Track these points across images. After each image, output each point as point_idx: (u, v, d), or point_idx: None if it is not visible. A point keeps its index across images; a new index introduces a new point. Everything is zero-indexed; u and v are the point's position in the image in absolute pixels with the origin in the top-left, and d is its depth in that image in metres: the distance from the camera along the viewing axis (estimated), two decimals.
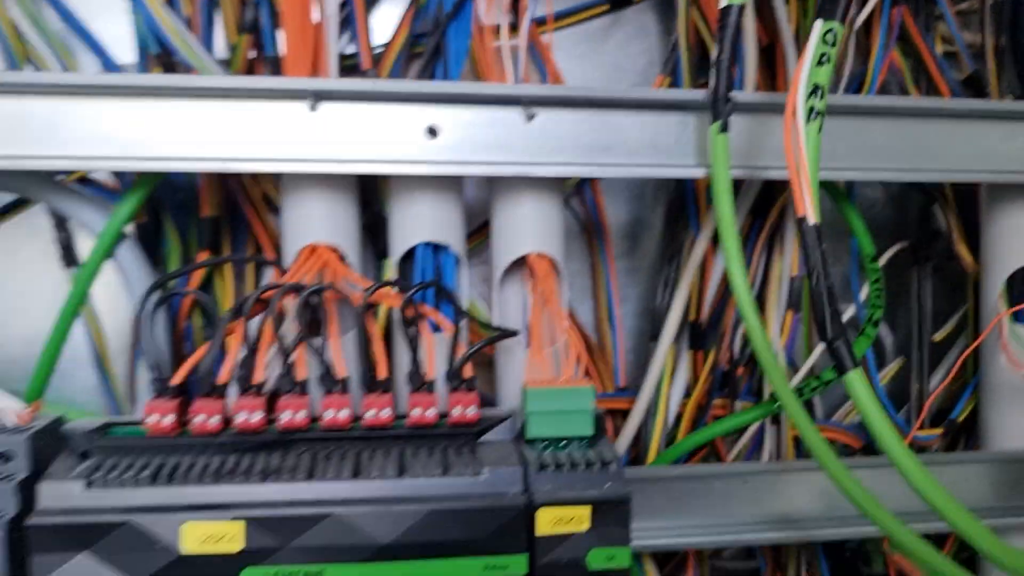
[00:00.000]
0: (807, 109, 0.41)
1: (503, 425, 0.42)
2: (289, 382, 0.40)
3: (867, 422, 0.37)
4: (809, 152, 0.40)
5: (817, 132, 0.41)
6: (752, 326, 0.41)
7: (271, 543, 0.36)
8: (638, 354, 0.61)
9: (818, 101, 0.41)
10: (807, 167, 0.39)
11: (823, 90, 0.41)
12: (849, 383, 0.37)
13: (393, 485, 0.37)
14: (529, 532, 0.38)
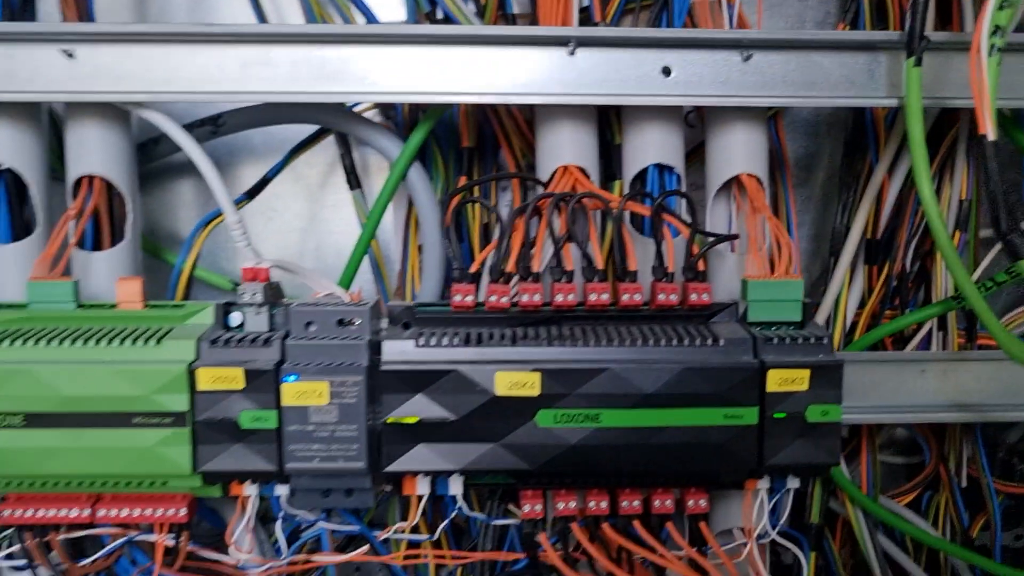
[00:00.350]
0: (989, 46, 0.48)
1: (727, 311, 0.51)
2: (559, 271, 0.50)
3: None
4: (990, 81, 0.47)
5: (996, 65, 0.48)
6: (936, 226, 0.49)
7: (561, 390, 0.46)
8: (811, 272, 0.69)
9: (999, 40, 0.49)
10: (988, 94, 0.47)
11: (1003, 31, 0.48)
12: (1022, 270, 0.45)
13: (654, 349, 0.47)
14: (760, 389, 0.47)
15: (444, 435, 0.46)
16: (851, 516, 0.60)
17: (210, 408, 0.45)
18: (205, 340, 0.46)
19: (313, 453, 0.45)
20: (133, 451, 0.45)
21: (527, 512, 0.50)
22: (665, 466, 0.47)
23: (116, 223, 0.56)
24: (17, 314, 0.49)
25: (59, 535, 0.51)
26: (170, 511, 0.50)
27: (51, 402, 0.45)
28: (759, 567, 0.53)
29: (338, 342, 0.46)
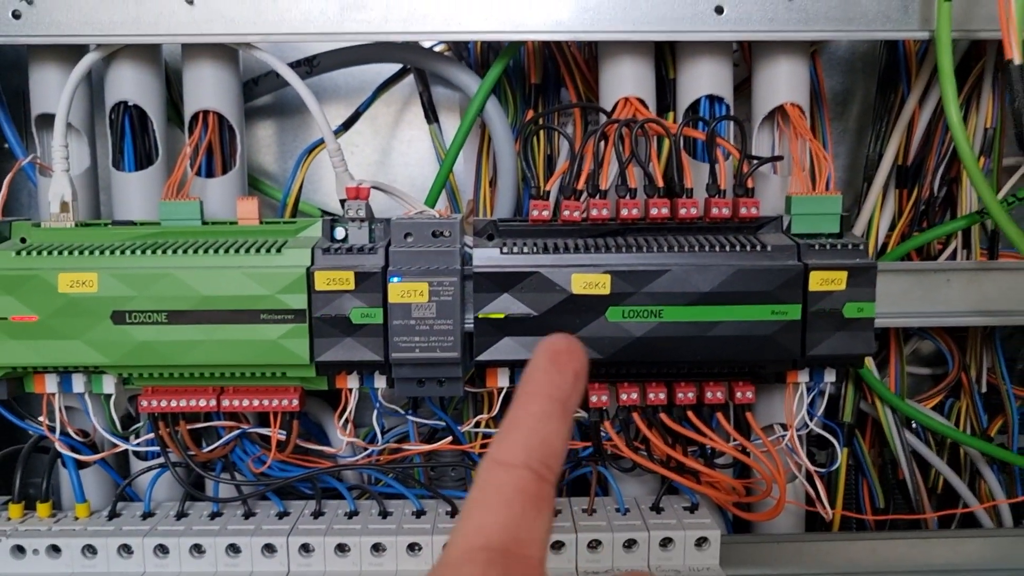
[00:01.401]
0: None
1: (772, 224, 0.57)
2: (624, 189, 0.56)
3: None
4: (1018, 11, 0.53)
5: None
6: (962, 147, 0.55)
7: (628, 289, 0.53)
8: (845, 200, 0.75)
9: None
10: (1015, 22, 0.52)
11: None
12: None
13: (709, 254, 0.54)
14: (803, 288, 0.53)
15: (526, 329, 0.53)
16: (880, 414, 0.67)
17: (325, 306, 0.53)
18: (319, 248, 0.54)
19: (414, 344, 0.53)
20: (260, 343, 0.53)
21: (594, 402, 0.57)
22: (719, 356, 0.54)
23: (225, 154, 0.63)
24: (153, 230, 0.56)
25: (186, 426, 0.59)
26: (284, 401, 0.57)
27: (190, 301, 0.52)
28: (800, 453, 0.60)
29: (434, 249, 0.53)
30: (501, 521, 0.26)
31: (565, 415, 0.28)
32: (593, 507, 0.60)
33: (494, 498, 0.26)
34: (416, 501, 0.60)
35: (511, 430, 0.28)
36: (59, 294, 0.52)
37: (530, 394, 0.28)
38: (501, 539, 0.25)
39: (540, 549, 0.26)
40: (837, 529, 0.68)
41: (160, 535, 0.57)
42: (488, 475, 0.27)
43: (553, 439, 0.27)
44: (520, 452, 0.27)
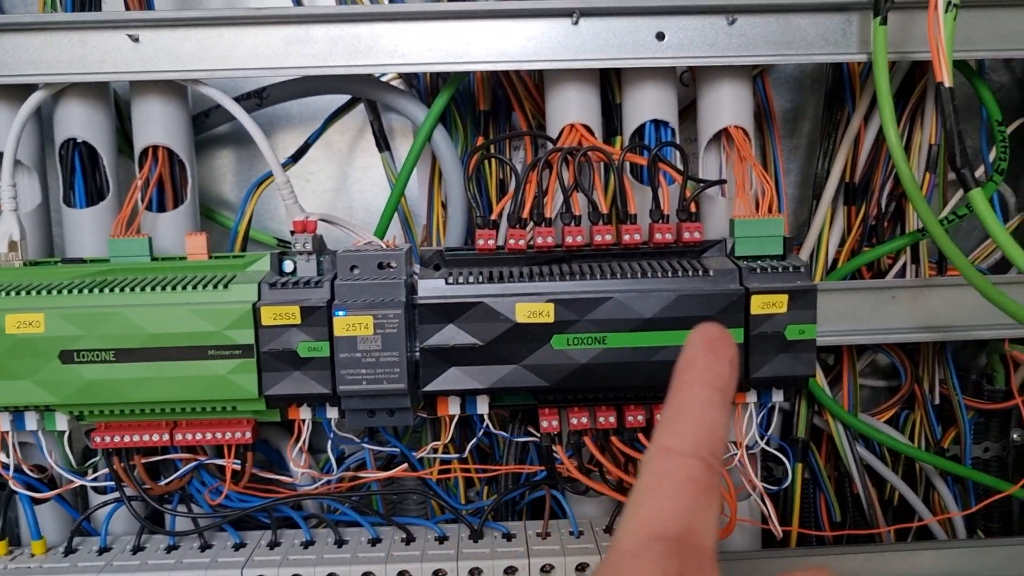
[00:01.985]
0: (945, 3, 0.55)
1: (716, 247, 0.58)
2: (568, 216, 0.57)
3: (989, 230, 0.51)
4: (946, 35, 0.54)
5: (953, 20, 0.54)
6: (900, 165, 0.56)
7: (572, 317, 0.54)
8: (797, 216, 0.76)
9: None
10: (944, 46, 0.53)
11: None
12: (973, 199, 0.51)
13: (652, 280, 0.54)
14: (745, 311, 0.54)
15: (472, 358, 0.54)
16: (833, 430, 0.68)
17: (272, 340, 0.53)
18: (265, 283, 0.54)
19: (361, 376, 0.53)
20: (209, 379, 0.53)
21: (545, 427, 0.58)
22: (663, 381, 0.53)
23: (176, 188, 0.63)
24: (101, 267, 0.57)
25: (141, 460, 0.59)
26: (237, 434, 0.57)
27: (138, 339, 0.53)
28: (749, 472, 0.60)
29: (379, 282, 0.54)
30: (674, 510, 0.26)
31: (725, 403, 0.28)
32: (547, 530, 0.61)
33: (666, 487, 0.26)
34: (372, 529, 0.60)
35: (677, 418, 0.28)
36: (6, 335, 0.53)
37: (691, 382, 0.28)
38: (676, 528, 0.25)
39: (712, 538, 0.26)
40: (795, 545, 0.69)
41: (115, 571, 0.57)
42: (657, 463, 0.27)
43: (718, 427, 0.27)
44: (689, 440, 0.27)
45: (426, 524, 0.62)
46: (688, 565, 0.25)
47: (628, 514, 0.26)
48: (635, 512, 0.26)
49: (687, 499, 0.26)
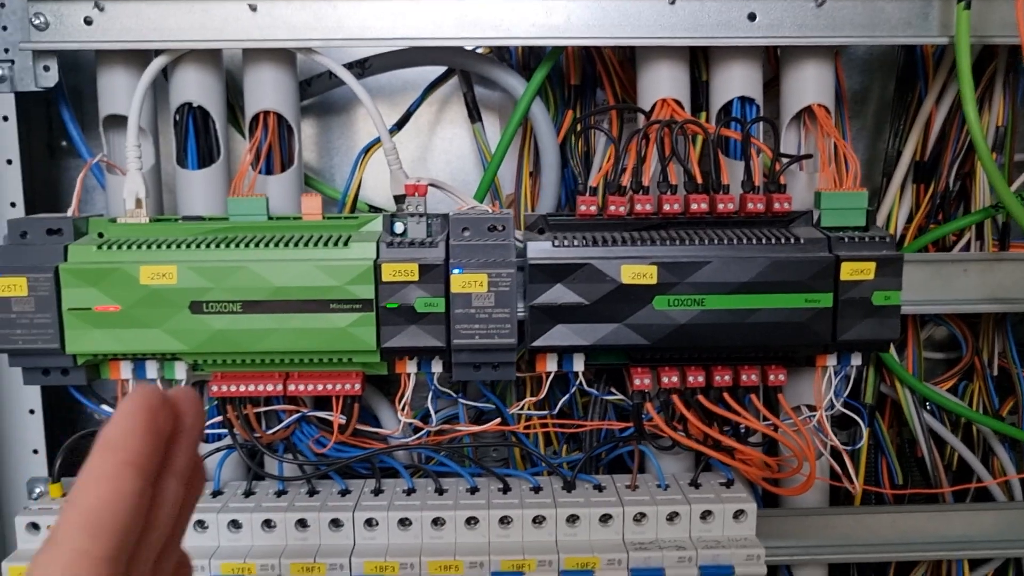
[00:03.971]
0: None
1: (802, 218, 0.61)
2: (665, 185, 0.60)
3: None
4: None
5: None
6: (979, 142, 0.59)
7: (673, 279, 0.57)
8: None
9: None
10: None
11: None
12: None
13: (747, 247, 0.57)
14: (835, 278, 0.57)
15: (578, 317, 0.57)
16: (900, 396, 0.71)
17: (391, 296, 0.56)
18: (382, 242, 0.57)
19: (474, 331, 0.56)
20: (329, 331, 0.56)
21: (637, 385, 0.61)
22: (756, 342, 0.58)
23: (283, 152, 0.66)
24: (222, 225, 0.60)
25: (252, 410, 0.63)
26: (346, 385, 0.61)
27: (263, 292, 0.56)
28: (828, 432, 0.64)
29: (491, 243, 0.57)
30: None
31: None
32: (636, 483, 0.64)
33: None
34: (470, 478, 0.64)
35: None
36: (140, 285, 0.56)
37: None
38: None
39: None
40: (858, 504, 0.73)
41: (232, 511, 0.60)
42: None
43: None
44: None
45: (521, 475, 0.65)
46: None
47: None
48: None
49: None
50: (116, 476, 0.27)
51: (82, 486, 0.27)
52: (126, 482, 0.27)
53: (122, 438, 0.27)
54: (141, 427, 0.27)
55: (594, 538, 0.60)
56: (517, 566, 0.58)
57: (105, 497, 0.26)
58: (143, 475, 0.27)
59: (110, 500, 0.26)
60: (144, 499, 0.28)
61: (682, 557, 0.59)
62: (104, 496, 0.26)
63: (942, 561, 0.75)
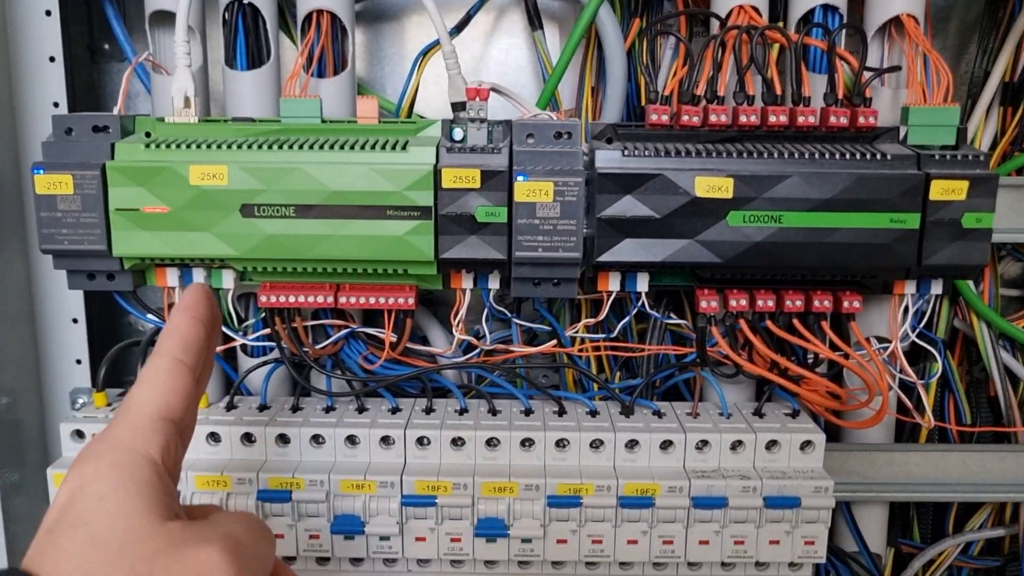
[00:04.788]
0: None
1: (888, 135, 0.57)
2: (742, 96, 0.56)
3: None
4: None
5: None
6: None
7: (750, 194, 0.53)
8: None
9: None
10: None
11: None
12: None
13: (830, 161, 0.54)
14: (924, 197, 0.54)
15: (648, 231, 0.54)
16: (976, 330, 0.68)
17: (451, 203, 0.53)
18: (442, 147, 0.54)
19: (538, 243, 0.54)
20: (386, 239, 0.54)
21: (704, 307, 0.58)
22: (836, 263, 0.55)
23: (336, 54, 0.63)
24: (274, 126, 0.57)
25: (301, 322, 0.60)
26: (400, 299, 0.58)
27: (318, 196, 0.53)
28: (903, 363, 0.61)
29: (557, 150, 0.54)
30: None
31: (186, 368, 0.35)
32: (697, 411, 0.62)
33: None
34: (525, 400, 0.62)
35: (142, 382, 0.34)
36: (190, 186, 0.53)
37: (159, 352, 0.35)
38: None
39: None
40: (923, 441, 0.70)
41: (280, 425, 0.59)
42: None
43: (177, 389, 0.34)
44: (153, 404, 0.34)
45: (578, 397, 0.63)
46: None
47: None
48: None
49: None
50: (193, 325, 0.36)
51: (170, 325, 0.35)
52: (200, 330, 0.36)
53: (194, 304, 0.36)
54: (205, 300, 0.37)
55: (654, 464, 0.58)
56: (574, 490, 0.56)
57: (190, 331, 0.35)
58: (207, 331, 0.36)
59: (193, 334, 0.35)
60: (208, 353, 0.36)
61: (746, 487, 0.56)
62: (189, 330, 0.35)
63: (1006, 505, 0.72)
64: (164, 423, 0.32)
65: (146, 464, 0.31)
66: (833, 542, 0.71)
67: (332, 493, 0.56)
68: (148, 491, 0.30)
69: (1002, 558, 0.73)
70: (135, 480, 0.30)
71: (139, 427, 0.32)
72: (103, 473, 0.30)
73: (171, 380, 0.34)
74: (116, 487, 0.30)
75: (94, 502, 0.29)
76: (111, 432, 0.32)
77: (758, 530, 0.57)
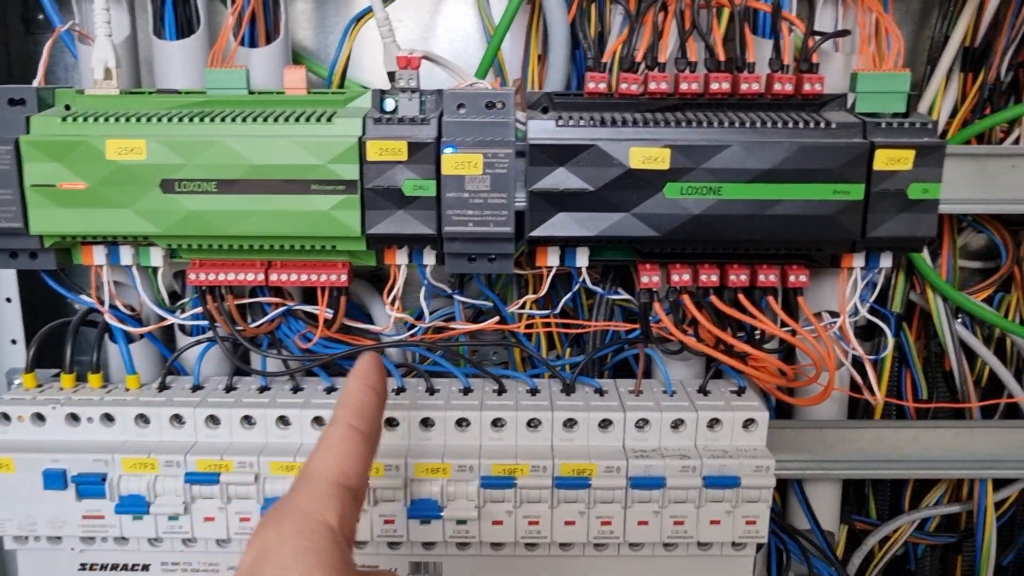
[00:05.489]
0: None
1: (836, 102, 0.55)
2: (683, 62, 0.54)
3: None
4: None
5: None
6: None
7: (687, 164, 0.51)
8: None
9: None
10: None
11: None
12: None
13: (771, 131, 0.52)
14: (868, 167, 0.52)
15: (582, 204, 0.52)
16: (931, 304, 0.66)
17: (377, 177, 0.51)
18: (370, 118, 0.52)
19: (468, 218, 0.52)
20: (311, 214, 0.52)
21: (645, 283, 0.57)
22: (778, 236, 0.53)
23: (268, 23, 0.61)
24: (199, 98, 0.55)
25: (234, 301, 0.59)
26: (332, 276, 0.57)
27: (239, 170, 0.51)
28: (851, 338, 0.59)
29: (488, 120, 0.52)
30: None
31: (362, 436, 0.37)
32: (640, 388, 0.60)
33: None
34: (464, 379, 0.60)
35: (321, 449, 0.37)
36: (107, 161, 0.51)
37: (338, 418, 0.37)
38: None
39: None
40: (879, 417, 0.68)
41: (211, 406, 0.57)
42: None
43: (354, 455, 0.36)
44: (331, 469, 0.36)
45: (519, 376, 0.61)
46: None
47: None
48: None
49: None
50: (366, 393, 0.38)
51: (345, 393, 0.38)
52: (373, 398, 0.38)
53: (367, 372, 0.39)
54: (377, 369, 0.39)
55: (592, 444, 0.57)
56: (509, 471, 0.55)
57: (364, 398, 0.37)
58: (379, 399, 0.38)
59: (367, 402, 0.37)
60: (379, 420, 0.38)
61: (685, 467, 0.55)
62: (363, 398, 0.37)
63: (962, 482, 0.71)
64: (340, 489, 0.34)
65: (325, 531, 0.32)
66: (785, 520, 0.70)
67: (262, 475, 0.55)
68: (327, 560, 0.31)
69: (958, 534, 0.72)
70: (314, 549, 0.32)
71: (318, 493, 0.34)
72: (285, 540, 0.32)
73: (346, 447, 0.35)
74: (296, 556, 0.31)
75: (276, 570, 0.31)
76: (292, 498, 0.34)
77: (698, 510, 0.55)
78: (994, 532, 0.69)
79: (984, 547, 0.69)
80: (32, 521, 0.57)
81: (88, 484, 0.56)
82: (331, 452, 0.35)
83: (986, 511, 0.68)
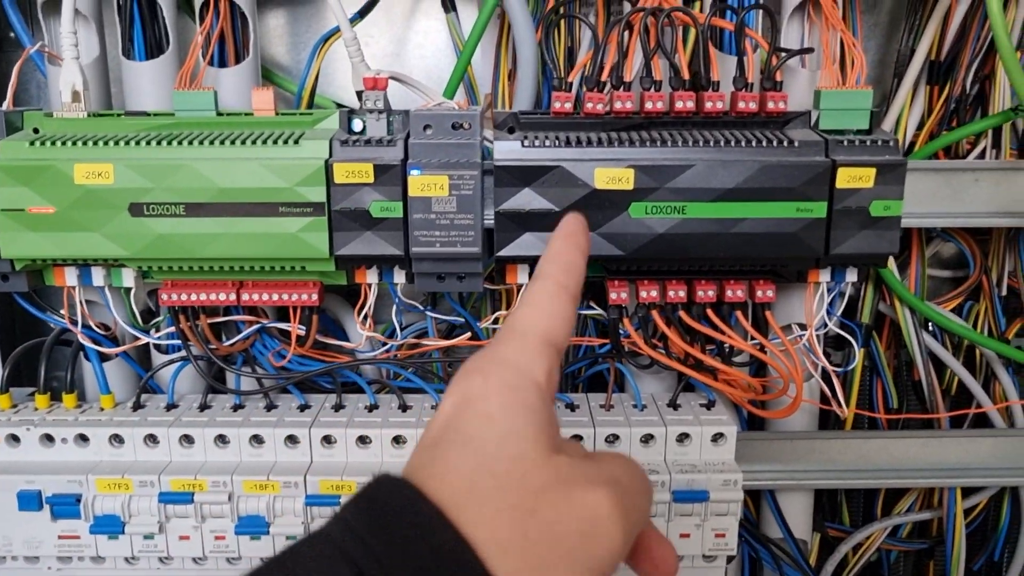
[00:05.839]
0: None
1: (800, 119, 0.56)
2: (648, 81, 0.55)
3: None
4: None
5: None
6: (999, 34, 0.53)
7: (652, 184, 0.52)
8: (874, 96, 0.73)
9: None
10: None
11: None
12: None
13: (735, 149, 0.52)
14: (830, 185, 0.52)
15: (548, 224, 0.52)
16: (899, 315, 0.67)
17: (345, 199, 0.52)
18: (337, 140, 0.52)
19: (435, 239, 0.52)
20: (279, 236, 0.52)
21: (614, 299, 0.57)
22: (742, 253, 0.53)
23: (238, 43, 0.61)
24: (167, 120, 0.55)
25: (206, 320, 0.59)
26: (303, 296, 0.57)
27: (207, 193, 0.52)
28: (817, 353, 0.60)
29: (454, 142, 0.52)
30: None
31: (571, 295, 0.33)
32: (611, 403, 0.61)
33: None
34: (436, 395, 0.61)
35: (528, 304, 0.32)
36: (75, 185, 0.52)
37: (546, 274, 0.33)
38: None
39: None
40: (850, 428, 0.69)
41: (184, 426, 0.57)
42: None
43: (562, 315, 0.32)
44: (538, 325, 0.31)
45: None
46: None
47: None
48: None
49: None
50: (573, 252, 0.33)
51: (552, 251, 0.33)
52: (579, 258, 0.34)
53: (574, 232, 0.34)
54: (583, 229, 0.35)
55: None
56: None
57: (572, 257, 0.33)
58: (584, 260, 0.34)
59: (574, 260, 0.33)
60: (582, 282, 0.34)
61: (654, 481, 0.56)
62: (571, 256, 0.33)
63: (934, 489, 0.72)
64: (549, 347, 0.30)
65: (534, 388, 0.29)
66: (759, 529, 0.70)
67: (235, 494, 0.56)
68: (536, 418, 0.28)
69: (930, 540, 0.73)
70: (524, 404, 0.28)
71: (527, 347, 0.30)
72: (492, 390, 0.29)
73: (554, 305, 0.31)
74: (505, 408, 0.28)
75: (483, 419, 0.28)
76: (498, 349, 0.30)
77: (668, 524, 0.56)
78: (963, 538, 0.70)
79: (954, 553, 0.70)
80: (8, 542, 0.57)
81: (63, 505, 0.56)
82: (540, 308, 0.31)
83: (955, 518, 0.69)
